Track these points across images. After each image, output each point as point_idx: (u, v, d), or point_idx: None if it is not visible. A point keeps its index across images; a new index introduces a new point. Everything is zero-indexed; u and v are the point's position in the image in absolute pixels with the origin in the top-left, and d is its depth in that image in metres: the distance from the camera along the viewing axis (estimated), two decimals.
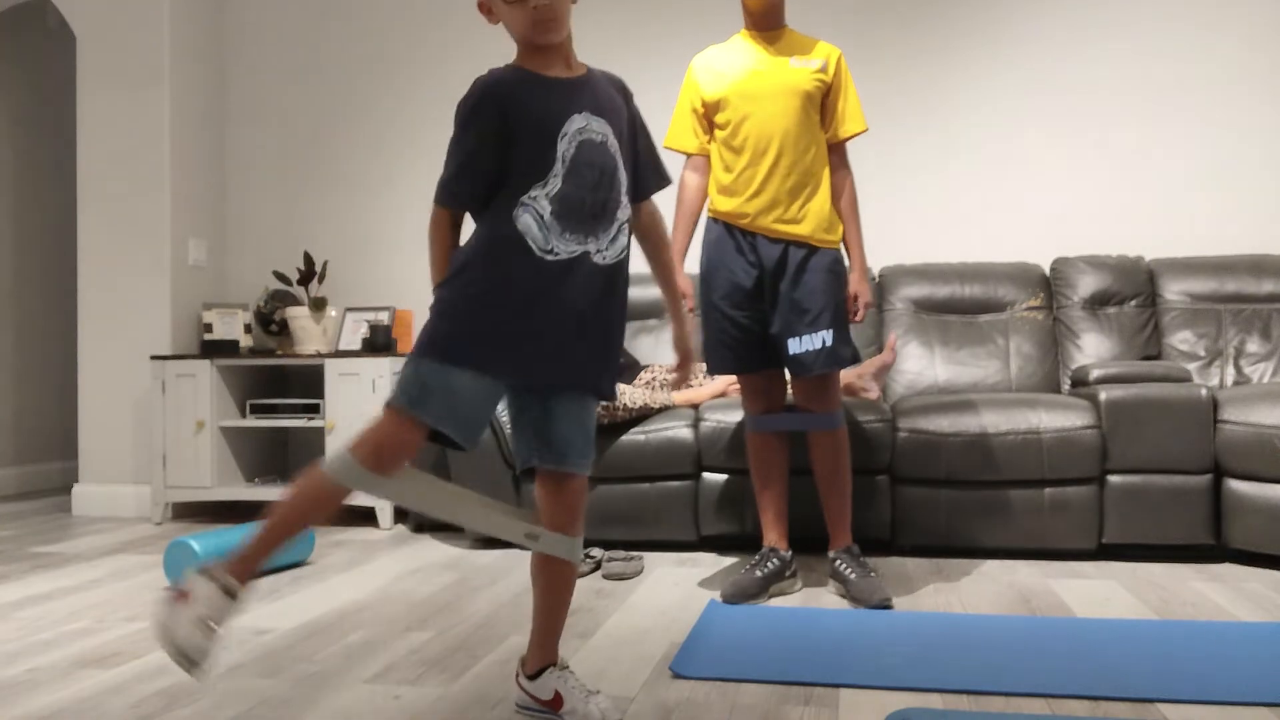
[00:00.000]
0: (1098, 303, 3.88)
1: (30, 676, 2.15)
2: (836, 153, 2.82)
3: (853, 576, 2.70)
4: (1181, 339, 3.78)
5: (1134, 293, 3.87)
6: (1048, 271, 4.03)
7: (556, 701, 1.82)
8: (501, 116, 1.66)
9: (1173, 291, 3.86)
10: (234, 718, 1.87)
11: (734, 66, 2.75)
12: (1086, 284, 3.90)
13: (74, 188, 5.59)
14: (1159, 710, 1.84)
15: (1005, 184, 4.21)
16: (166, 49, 4.48)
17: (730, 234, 2.77)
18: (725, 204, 2.76)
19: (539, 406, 1.75)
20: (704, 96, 2.78)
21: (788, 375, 2.87)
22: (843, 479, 2.81)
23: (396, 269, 4.68)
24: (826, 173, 2.76)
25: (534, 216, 1.65)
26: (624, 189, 1.74)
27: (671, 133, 2.89)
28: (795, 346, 2.69)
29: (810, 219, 2.71)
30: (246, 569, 1.59)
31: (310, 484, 1.62)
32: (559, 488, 1.77)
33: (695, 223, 2.89)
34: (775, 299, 2.72)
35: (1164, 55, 4.11)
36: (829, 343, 2.68)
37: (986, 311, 3.96)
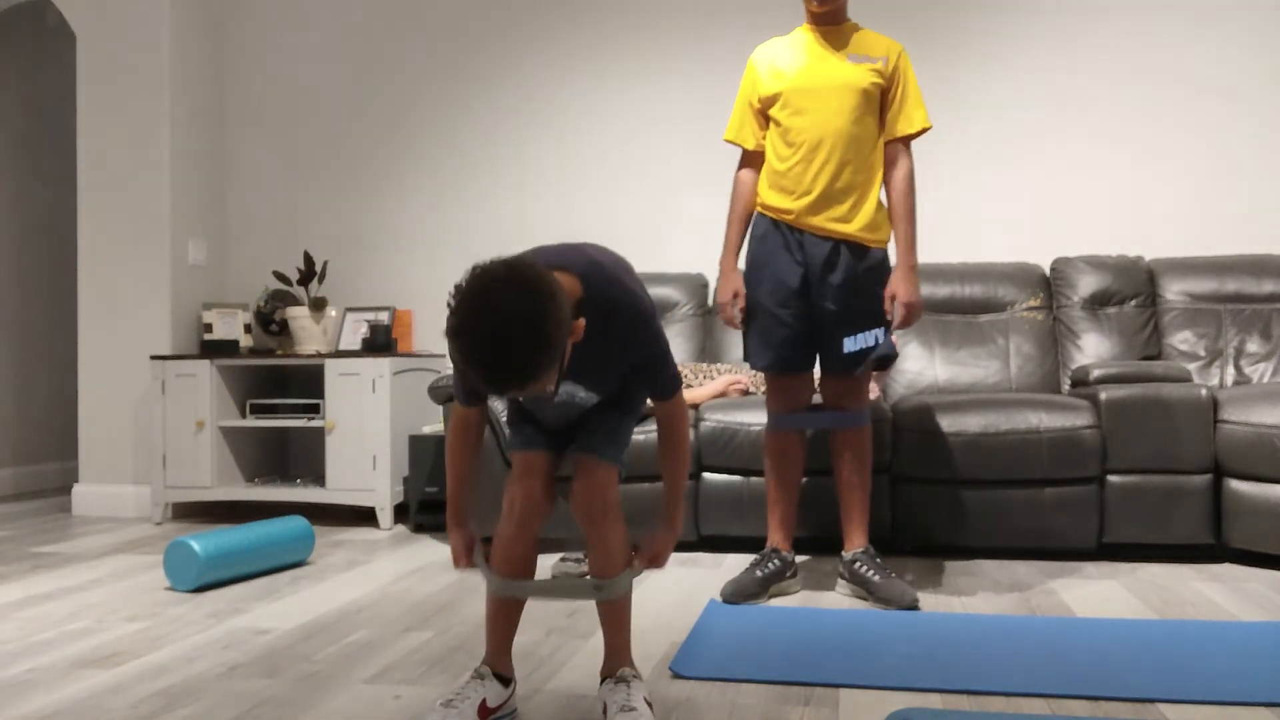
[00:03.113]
0: (1098, 303, 3.88)
1: (30, 676, 2.15)
2: (894, 149, 2.76)
3: (877, 579, 2.68)
4: (1181, 339, 3.78)
5: (1134, 293, 3.87)
6: (1048, 271, 4.03)
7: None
8: None
9: (1173, 291, 3.86)
10: (234, 718, 1.87)
11: (792, 63, 2.73)
12: (1086, 284, 3.90)
13: (74, 187, 5.60)
14: (1159, 710, 1.84)
15: (1005, 184, 4.21)
16: (166, 49, 4.48)
17: (777, 229, 2.74)
18: (773, 198, 2.74)
19: None
20: (760, 92, 2.77)
21: (816, 375, 2.85)
22: (865, 478, 2.80)
23: (396, 269, 4.68)
24: (880, 171, 2.73)
25: None
26: None
27: (730, 126, 2.87)
28: (850, 345, 2.68)
29: (860, 218, 2.68)
30: None
31: None
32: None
33: (749, 220, 2.84)
34: (825, 297, 2.69)
35: (1165, 56, 4.10)
36: (880, 340, 2.68)
37: (986, 311, 3.96)
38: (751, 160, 2.83)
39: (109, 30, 4.51)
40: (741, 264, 2.87)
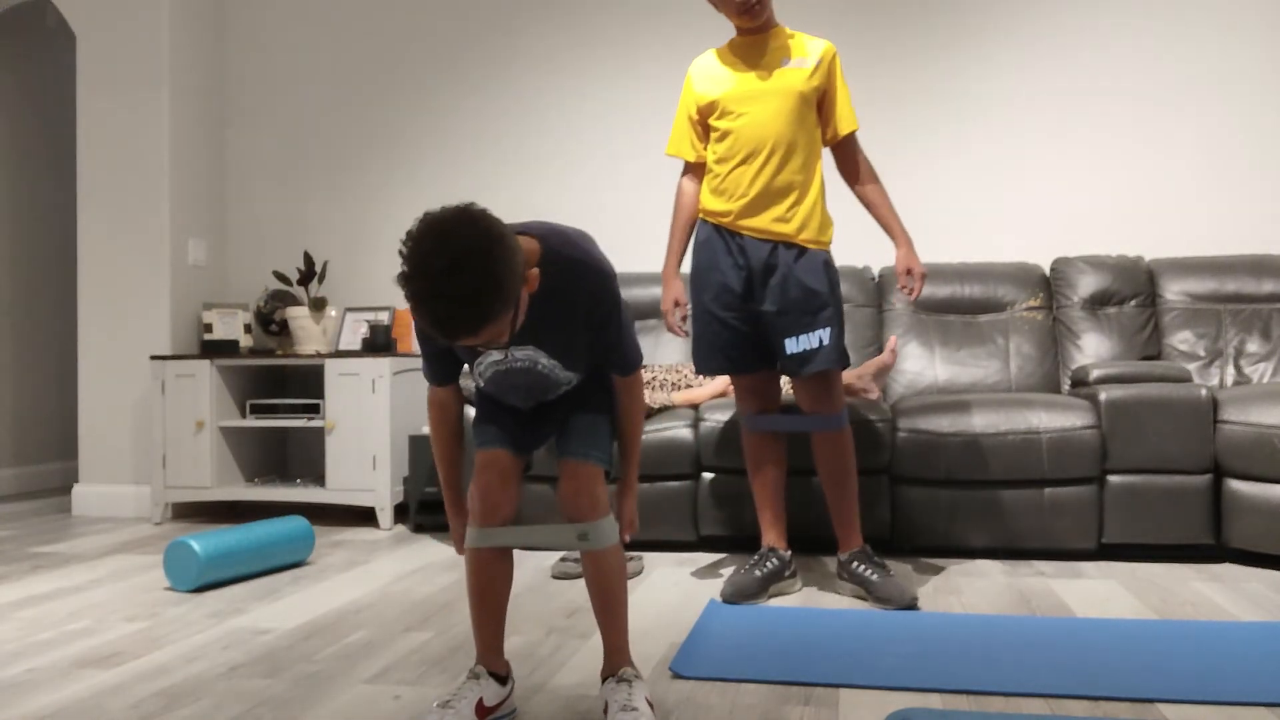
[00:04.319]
0: (1098, 303, 3.88)
1: (30, 676, 2.15)
2: (844, 148, 2.81)
3: (875, 578, 2.68)
4: (1181, 339, 3.78)
5: (1134, 293, 3.87)
6: (1048, 271, 4.03)
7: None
8: None
9: (1173, 291, 3.86)
10: (234, 718, 1.87)
11: (727, 71, 2.76)
12: (1086, 284, 3.90)
13: (74, 188, 5.60)
14: (1159, 710, 1.84)
15: (1005, 184, 4.21)
16: (166, 49, 4.48)
17: (719, 235, 2.76)
18: (713, 203, 2.76)
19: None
20: (698, 101, 2.79)
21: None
22: (850, 480, 2.79)
23: (396, 269, 4.68)
24: (819, 173, 2.75)
25: None
26: None
27: (671, 140, 2.90)
28: (792, 346, 2.69)
29: (799, 219, 2.69)
30: None
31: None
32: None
33: (691, 229, 2.87)
34: (765, 300, 2.71)
35: (1164, 56, 4.11)
36: (825, 342, 2.68)
37: (986, 311, 3.96)
38: (693, 170, 2.86)
39: (109, 30, 4.51)
40: (685, 271, 2.90)
